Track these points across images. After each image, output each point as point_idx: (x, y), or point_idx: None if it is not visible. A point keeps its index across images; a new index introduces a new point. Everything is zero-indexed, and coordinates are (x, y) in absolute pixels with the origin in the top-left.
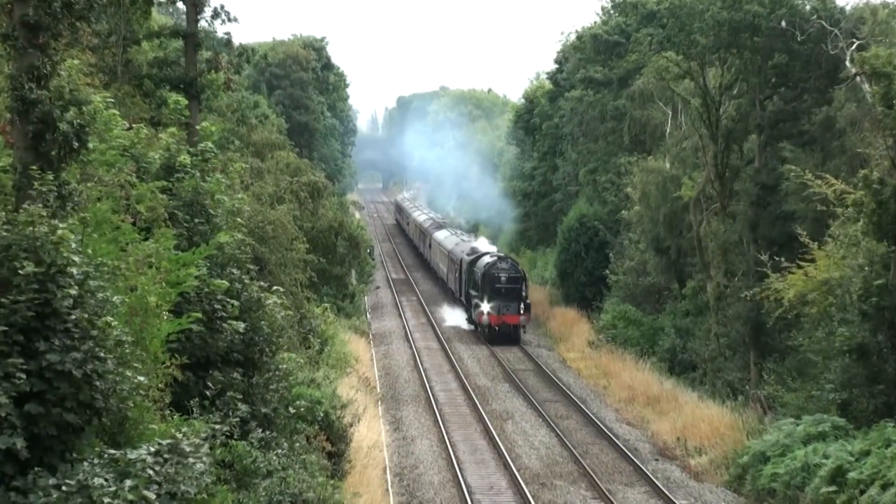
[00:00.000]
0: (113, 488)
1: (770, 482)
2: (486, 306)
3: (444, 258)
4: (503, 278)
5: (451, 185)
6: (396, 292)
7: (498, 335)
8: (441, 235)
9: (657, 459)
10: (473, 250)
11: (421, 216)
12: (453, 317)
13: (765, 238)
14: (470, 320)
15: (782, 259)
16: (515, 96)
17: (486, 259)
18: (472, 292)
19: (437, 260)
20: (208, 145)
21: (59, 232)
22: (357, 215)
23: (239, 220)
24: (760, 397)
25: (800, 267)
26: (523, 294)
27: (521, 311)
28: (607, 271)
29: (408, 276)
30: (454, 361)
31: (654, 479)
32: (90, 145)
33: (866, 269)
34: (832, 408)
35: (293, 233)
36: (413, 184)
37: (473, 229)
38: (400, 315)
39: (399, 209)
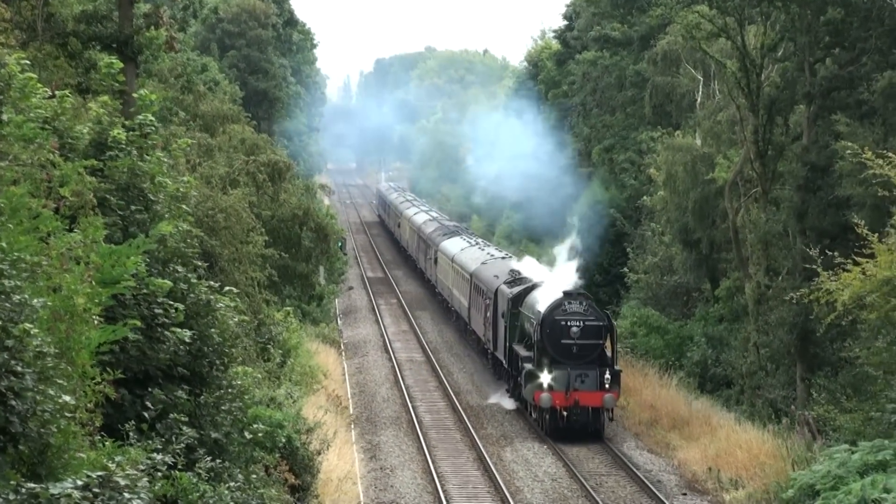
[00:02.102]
0: None
1: None
2: (545, 378)
3: (463, 284)
4: (576, 329)
5: (439, 165)
6: (373, 294)
7: (567, 426)
8: (453, 247)
9: (685, 494)
10: (516, 277)
11: (420, 216)
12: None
13: (814, 229)
14: (516, 395)
15: (835, 254)
16: (517, 59)
17: (543, 295)
18: (521, 351)
19: (449, 285)
20: (147, 117)
21: None
22: (326, 201)
23: (184, 207)
24: (809, 419)
25: (856, 263)
26: (608, 355)
27: (607, 385)
28: (626, 269)
29: (386, 273)
30: (442, 376)
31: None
32: (4, 117)
33: None
34: (895, 432)
35: (249, 222)
36: (392, 164)
37: (464, 220)
38: (377, 321)
39: (383, 203)
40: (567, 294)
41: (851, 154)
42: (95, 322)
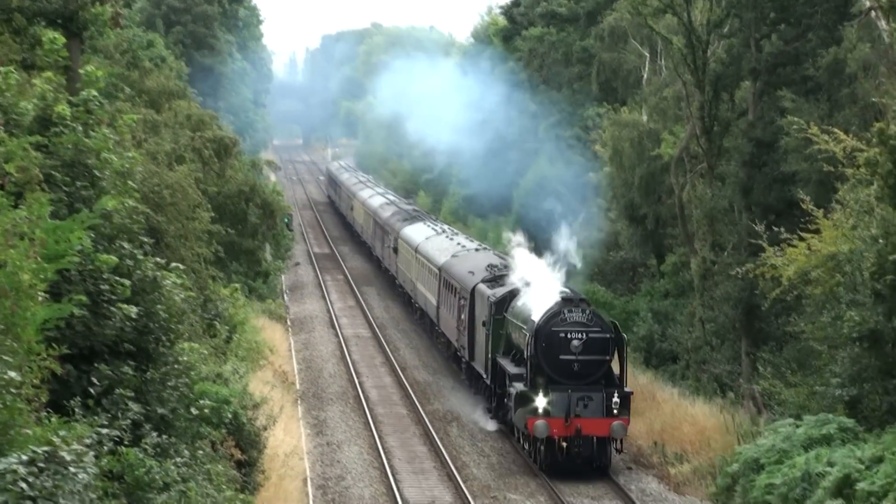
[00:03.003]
0: None
1: (764, 494)
2: (541, 401)
3: (430, 279)
4: (577, 343)
5: (384, 141)
6: (320, 270)
7: (567, 460)
8: (417, 235)
9: (630, 468)
10: (496, 274)
11: (375, 199)
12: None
13: (760, 205)
14: (500, 416)
15: (781, 230)
16: (463, 35)
17: (534, 300)
18: (509, 367)
19: (412, 278)
20: (93, 93)
21: None
22: (273, 177)
23: (130, 183)
24: (754, 394)
25: (801, 239)
26: (615, 374)
27: (615, 410)
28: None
29: (333, 250)
30: (389, 353)
31: (626, 492)
32: None
33: (880, 241)
34: (839, 406)
35: (195, 199)
36: (338, 140)
37: (410, 196)
38: (324, 297)
39: (334, 184)
40: (566, 300)
41: (797, 130)
42: (41, 298)
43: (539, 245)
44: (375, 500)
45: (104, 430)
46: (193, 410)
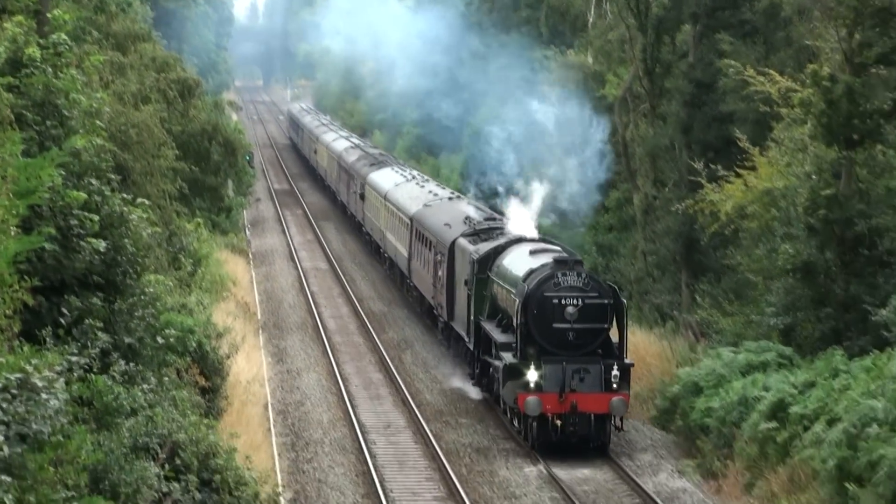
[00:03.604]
0: None
1: (703, 417)
2: (532, 375)
3: (401, 229)
4: (572, 310)
5: (341, 82)
6: (280, 205)
7: (562, 439)
8: (385, 182)
9: None
10: (476, 227)
11: (339, 143)
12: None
13: (699, 143)
14: (484, 385)
15: (719, 167)
16: None
17: (522, 259)
18: (496, 334)
19: (381, 226)
20: (62, 37)
21: None
22: (234, 117)
23: (98, 122)
24: (692, 323)
25: (738, 175)
26: (615, 344)
27: (615, 385)
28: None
29: (292, 186)
30: (346, 284)
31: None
32: None
33: (814, 177)
34: (773, 334)
35: (160, 137)
36: (297, 81)
37: (366, 135)
38: (284, 231)
39: (296, 126)
40: (559, 262)
41: (734, 71)
42: (13, 232)
43: (489, 183)
44: (333, 425)
45: (74, 359)
46: (159, 339)
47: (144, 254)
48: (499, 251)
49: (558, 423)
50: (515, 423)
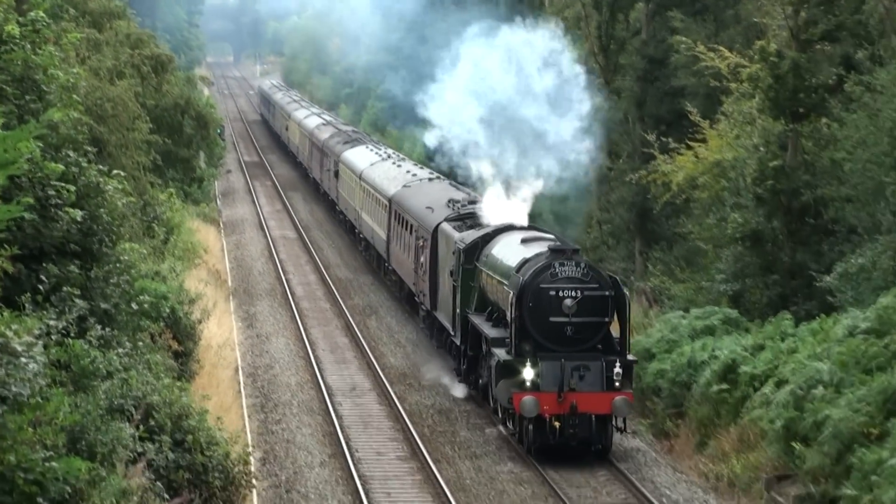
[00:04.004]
0: None
1: (655, 380)
2: (528, 373)
3: (379, 211)
4: (570, 303)
5: (309, 58)
6: (249, 176)
7: (561, 442)
8: (360, 160)
9: None
10: (461, 212)
11: (311, 119)
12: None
13: (652, 116)
14: (471, 382)
15: (670, 139)
16: None
17: (513, 248)
18: (486, 329)
19: (356, 206)
20: (40, 14)
21: None
22: (206, 92)
23: (75, 97)
24: (646, 289)
25: (689, 148)
26: (616, 340)
27: (617, 383)
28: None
29: (262, 158)
30: (313, 252)
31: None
32: None
33: (761, 149)
34: (723, 300)
35: (135, 111)
36: (266, 58)
37: (333, 109)
38: (253, 202)
39: (267, 103)
40: (555, 251)
41: (686, 48)
42: None
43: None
44: (301, 387)
45: (52, 324)
46: (134, 305)
47: (119, 223)
48: (487, 239)
49: (557, 424)
50: (509, 425)
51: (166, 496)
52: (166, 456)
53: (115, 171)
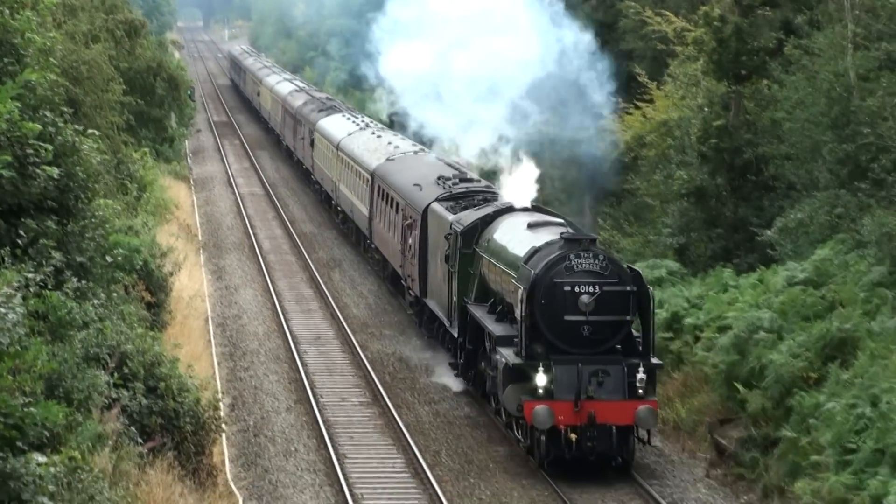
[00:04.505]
0: None
1: None
2: (541, 379)
3: (359, 184)
4: (587, 299)
5: (275, 23)
6: (219, 136)
7: (577, 455)
8: (337, 130)
9: None
10: (454, 190)
11: (283, 86)
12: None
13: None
14: (470, 377)
15: (619, 100)
16: None
17: (518, 234)
18: (491, 325)
19: (333, 177)
20: None
21: None
22: (177, 55)
23: (51, 60)
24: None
25: (638, 108)
26: (637, 338)
27: (641, 390)
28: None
29: (230, 118)
30: (279, 208)
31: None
32: None
33: (705, 109)
34: (669, 253)
35: (109, 74)
36: (235, 22)
37: (298, 72)
38: (222, 160)
39: (237, 68)
40: (570, 241)
41: (634, 13)
42: None
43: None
44: (268, 336)
45: (30, 276)
46: (108, 258)
47: (94, 180)
48: (487, 221)
49: (573, 437)
50: (517, 434)
51: (140, 440)
52: (139, 402)
53: (90, 131)
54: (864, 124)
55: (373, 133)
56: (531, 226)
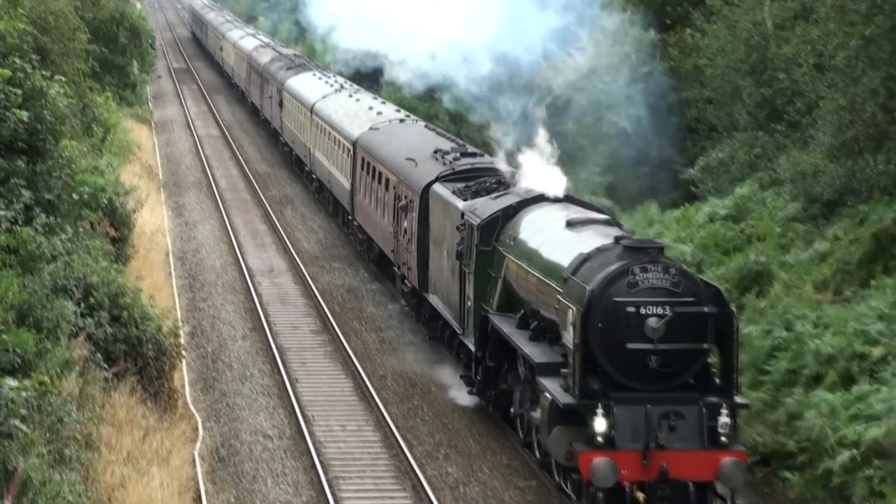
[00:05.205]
0: None
1: None
2: (600, 424)
3: (338, 154)
4: (655, 322)
5: None
6: (178, 81)
7: None
8: (310, 91)
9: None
10: (461, 171)
11: (248, 41)
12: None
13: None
14: (486, 396)
15: (553, 48)
16: None
17: (566, 239)
18: (527, 348)
19: (307, 142)
20: None
21: None
22: (139, 5)
23: (20, 10)
24: None
25: (569, 55)
26: (714, 371)
27: (724, 438)
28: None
29: (189, 65)
30: (235, 149)
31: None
32: None
33: (632, 56)
34: (600, 190)
35: (75, 23)
36: None
37: (251, 22)
38: (181, 104)
39: (199, 22)
40: (632, 249)
41: None
42: None
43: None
44: (225, 269)
45: (2, 213)
46: (75, 196)
47: (61, 123)
48: (510, 213)
49: (640, 496)
50: (566, 488)
51: (105, 366)
52: (104, 330)
53: (57, 77)
54: (781, 70)
55: (350, 96)
56: (571, 224)
